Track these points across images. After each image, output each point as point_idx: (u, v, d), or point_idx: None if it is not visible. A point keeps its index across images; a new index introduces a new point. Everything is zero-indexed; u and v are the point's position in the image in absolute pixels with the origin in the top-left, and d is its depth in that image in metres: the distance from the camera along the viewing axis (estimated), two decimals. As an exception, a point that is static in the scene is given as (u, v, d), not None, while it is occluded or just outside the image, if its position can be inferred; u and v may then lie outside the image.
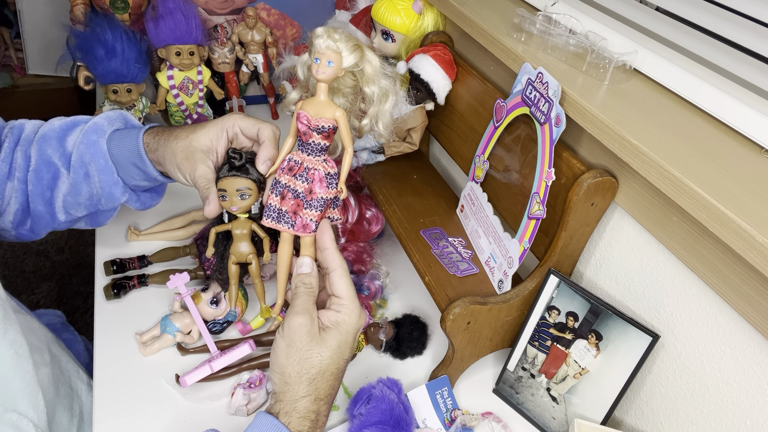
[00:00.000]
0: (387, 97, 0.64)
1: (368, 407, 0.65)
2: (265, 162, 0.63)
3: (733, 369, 0.58)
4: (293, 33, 1.25)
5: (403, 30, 0.98)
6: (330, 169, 0.60)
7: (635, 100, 0.65)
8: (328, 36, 0.56)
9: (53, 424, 0.68)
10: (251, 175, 0.63)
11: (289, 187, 0.59)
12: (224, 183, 0.62)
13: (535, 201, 0.68)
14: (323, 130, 0.58)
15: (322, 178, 0.59)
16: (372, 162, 0.97)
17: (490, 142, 0.79)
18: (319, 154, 0.60)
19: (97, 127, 0.71)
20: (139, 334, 0.77)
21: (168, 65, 1.08)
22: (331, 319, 0.57)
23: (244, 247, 0.64)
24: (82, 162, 0.70)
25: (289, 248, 0.61)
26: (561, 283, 0.68)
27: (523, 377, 0.74)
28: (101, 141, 0.70)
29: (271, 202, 0.59)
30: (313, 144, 0.59)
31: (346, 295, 0.58)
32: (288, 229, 0.59)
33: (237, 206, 0.62)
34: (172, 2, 1.03)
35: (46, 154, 0.71)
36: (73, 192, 0.71)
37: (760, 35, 0.58)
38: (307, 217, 0.59)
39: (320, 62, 0.56)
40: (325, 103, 0.58)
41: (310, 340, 0.55)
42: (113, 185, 0.71)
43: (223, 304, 0.77)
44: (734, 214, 0.49)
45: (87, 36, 1.00)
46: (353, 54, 0.58)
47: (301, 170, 0.59)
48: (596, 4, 0.79)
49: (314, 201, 0.59)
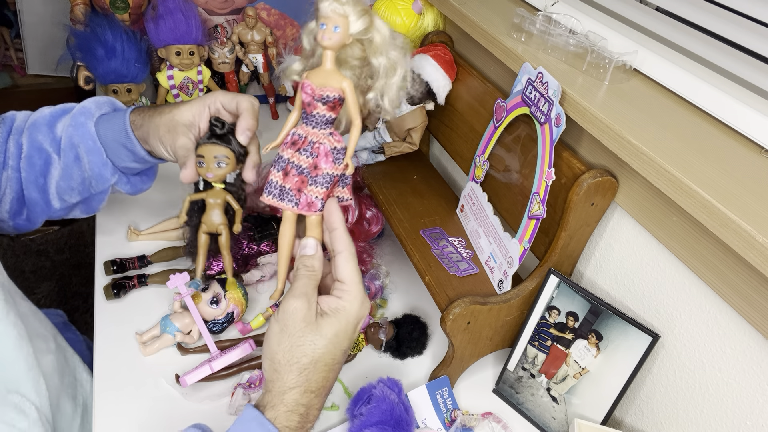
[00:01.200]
0: (395, 70, 0.58)
1: (369, 407, 0.65)
2: (245, 132, 0.64)
3: (733, 369, 0.58)
4: (293, 33, 1.25)
5: (403, 30, 0.98)
6: (336, 143, 0.56)
7: (635, 100, 0.65)
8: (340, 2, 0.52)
9: (57, 412, 0.69)
10: (231, 145, 0.63)
11: (293, 162, 0.56)
12: (203, 149, 0.62)
13: (535, 201, 0.68)
14: (328, 100, 0.55)
15: (327, 153, 0.55)
16: (372, 162, 0.97)
17: (490, 142, 0.79)
18: (324, 127, 0.56)
19: (84, 110, 0.72)
20: (139, 334, 0.77)
21: (168, 65, 1.08)
22: (330, 305, 0.53)
23: (216, 216, 0.63)
24: (72, 144, 0.71)
25: (291, 228, 0.56)
26: (561, 283, 0.68)
27: (523, 377, 0.74)
28: (89, 123, 0.71)
29: (273, 178, 0.56)
30: (318, 116, 0.55)
31: (350, 281, 0.54)
32: (292, 207, 0.55)
33: (213, 173, 0.62)
34: (172, 2, 1.03)
35: (36, 141, 0.72)
36: (65, 176, 0.72)
37: (760, 35, 0.58)
38: (312, 194, 0.55)
39: (326, 27, 0.52)
40: (332, 72, 0.54)
41: (305, 326, 0.51)
42: (102, 166, 0.72)
43: (223, 303, 0.77)
44: (734, 214, 0.49)
45: (87, 36, 1.00)
46: (361, 19, 0.53)
47: (306, 144, 0.56)
48: (596, 4, 0.79)
49: (320, 177, 0.55)
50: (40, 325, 0.72)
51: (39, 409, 0.61)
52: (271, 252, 0.87)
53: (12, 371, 0.60)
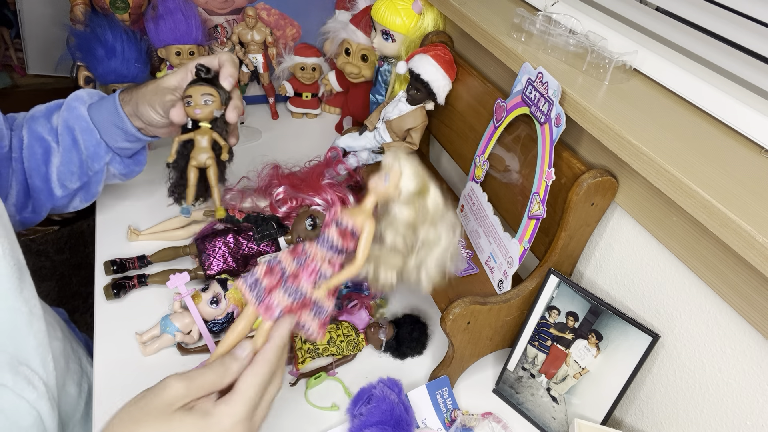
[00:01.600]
0: (439, 243, 0.55)
1: (369, 407, 0.65)
2: (227, 78, 0.71)
3: (733, 369, 0.58)
4: (293, 33, 1.25)
5: (403, 30, 0.98)
6: (329, 268, 0.55)
7: (635, 100, 0.65)
8: (398, 158, 0.56)
9: (63, 392, 0.71)
10: (216, 86, 0.69)
11: (281, 264, 0.55)
12: (191, 89, 0.68)
13: (535, 201, 0.68)
14: (341, 225, 0.55)
15: (314, 271, 0.55)
16: (372, 162, 0.97)
17: (490, 142, 0.79)
18: (327, 250, 0.55)
19: (77, 97, 0.78)
20: (139, 334, 0.77)
21: (168, 65, 1.08)
22: (203, 406, 0.44)
23: (205, 152, 0.69)
24: (68, 127, 0.76)
25: (244, 325, 0.53)
26: (561, 283, 0.68)
27: (523, 377, 0.74)
28: (81, 107, 0.77)
29: (257, 268, 0.55)
30: (326, 237, 0.56)
31: (241, 394, 0.46)
32: (254, 301, 0.53)
33: (201, 110, 0.68)
34: (172, 2, 1.03)
35: (36, 131, 0.77)
36: (65, 161, 0.77)
37: (760, 35, 0.58)
38: (275, 300, 0.53)
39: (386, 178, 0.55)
40: (364, 210, 0.55)
41: (158, 413, 0.43)
42: (96, 145, 0.77)
43: (223, 303, 0.77)
44: (734, 214, 0.49)
45: (87, 36, 1.00)
46: (415, 181, 0.55)
47: (302, 255, 0.56)
48: (596, 4, 0.79)
49: (292, 287, 0.54)
50: (47, 313, 0.73)
51: (47, 384, 0.63)
52: (270, 252, 0.87)
53: (23, 345, 0.61)
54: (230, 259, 0.84)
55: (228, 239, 0.85)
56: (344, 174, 0.96)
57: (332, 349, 0.76)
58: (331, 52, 1.16)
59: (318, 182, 0.91)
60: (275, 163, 0.97)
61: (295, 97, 1.27)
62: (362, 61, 1.11)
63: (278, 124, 1.28)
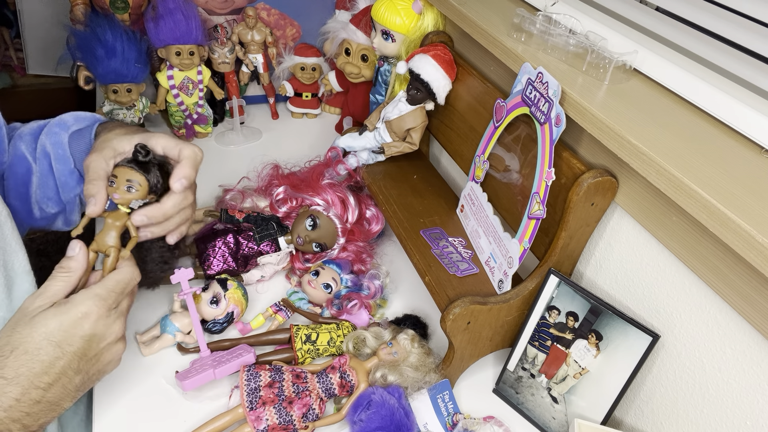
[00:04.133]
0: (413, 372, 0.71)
1: (368, 413, 0.65)
2: (180, 180, 0.62)
3: (733, 369, 0.58)
4: (293, 33, 1.25)
5: (403, 30, 0.98)
6: (317, 407, 0.67)
7: (635, 100, 0.65)
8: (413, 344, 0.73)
9: None
10: (148, 174, 0.61)
11: (283, 380, 0.67)
12: (118, 170, 0.61)
13: (535, 201, 0.68)
14: (345, 377, 0.69)
15: (306, 404, 0.66)
16: (372, 162, 0.97)
17: (490, 142, 0.79)
18: (324, 391, 0.68)
19: (61, 122, 0.73)
20: (139, 334, 0.77)
21: (168, 65, 1.08)
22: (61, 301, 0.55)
23: (111, 238, 0.60)
24: (45, 153, 0.71)
25: (228, 420, 0.67)
26: (561, 283, 0.68)
27: (523, 377, 0.74)
28: (62, 133, 0.71)
29: (260, 377, 0.67)
30: (329, 380, 0.69)
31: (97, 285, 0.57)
32: (247, 407, 0.65)
33: (120, 195, 0.60)
34: (172, 2, 1.03)
35: (20, 150, 0.72)
36: (42, 185, 0.72)
37: (760, 35, 0.58)
38: (266, 414, 0.64)
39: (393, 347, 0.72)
40: (366, 369, 0.71)
41: (20, 317, 0.53)
42: (69, 175, 0.71)
43: (223, 303, 0.77)
44: (734, 214, 0.49)
45: (87, 36, 1.00)
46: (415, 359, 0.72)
47: (303, 383, 0.67)
48: (596, 4, 0.79)
49: (284, 411, 0.65)
50: None
51: None
52: (271, 252, 0.87)
53: None
54: (230, 259, 0.84)
55: (228, 239, 0.85)
56: (344, 174, 0.96)
57: (332, 350, 0.76)
58: (331, 52, 1.16)
59: (318, 182, 0.91)
60: (275, 163, 0.97)
61: (295, 97, 1.27)
62: (362, 61, 1.11)
63: (278, 124, 1.28)
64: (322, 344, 0.75)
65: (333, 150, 0.99)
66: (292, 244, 0.87)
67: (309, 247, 0.86)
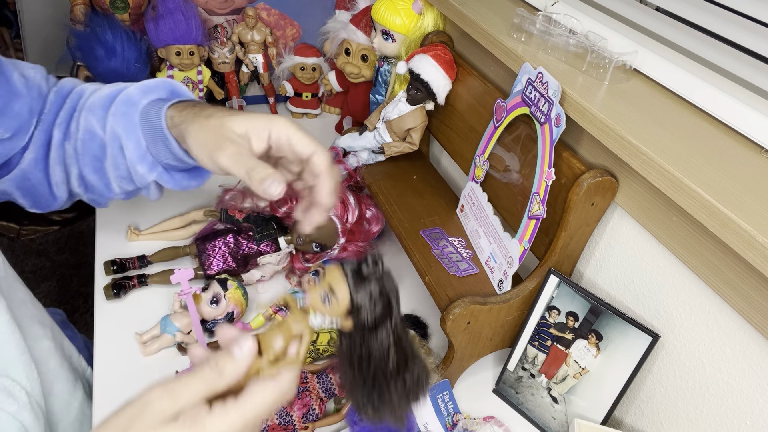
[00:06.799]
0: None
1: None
2: (321, 212, 0.53)
3: (733, 369, 0.58)
4: (293, 33, 1.25)
5: (403, 30, 0.98)
6: (317, 407, 0.68)
7: (635, 100, 0.65)
8: None
9: (51, 395, 0.68)
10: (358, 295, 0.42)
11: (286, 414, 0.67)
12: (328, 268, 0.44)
13: (535, 201, 0.68)
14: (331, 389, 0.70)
15: (306, 405, 0.67)
16: (372, 162, 0.97)
17: (490, 142, 0.79)
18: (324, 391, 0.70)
19: (128, 100, 0.65)
20: (139, 334, 0.77)
21: (168, 65, 1.08)
22: (192, 412, 0.39)
23: (278, 344, 0.44)
24: (115, 136, 0.65)
25: None
26: (561, 283, 0.68)
27: (523, 377, 0.74)
28: (133, 112, 0.64)
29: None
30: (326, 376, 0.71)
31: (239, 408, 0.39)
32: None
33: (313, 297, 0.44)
34: (172, 2, 1.03)
35: (90, 124, 0.67)
36: (114, 165, 0.67)
37: (760, 35, 0.58)
38: None
39: None
40: None
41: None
42: (140, 161, 0.65)
43: (223, 303, 0.77)
44: (734, 214, 0.49)
45: (87, 36, 1.00)
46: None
47: (303, 384, 0.67)
48: (596, 4, 0.79)
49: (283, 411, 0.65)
50: (38, 310, 0.72)
51: (29, 393, 0.61)
52: (271, 252, 0.87)
53: (3, 354, 0.60)
54: (230, 259, 0.84)
55: (228, 239, 0.85)
56: (344, 174, 0.96)
57: (332, 350, 0.76)
58: (331, 52, 1.16)
59: (318, 182, 0.91)
60: (275, 163, 0.97)
61: (295, 97, 1.27)
62: (362, 61, 1.11)
63: (278, 124, 1.28)
64: (322, 344, 0.75)
65: (333, 150, 0.99)
66: (292, 244, 0.87)
67: (309, 247, 0.87)
